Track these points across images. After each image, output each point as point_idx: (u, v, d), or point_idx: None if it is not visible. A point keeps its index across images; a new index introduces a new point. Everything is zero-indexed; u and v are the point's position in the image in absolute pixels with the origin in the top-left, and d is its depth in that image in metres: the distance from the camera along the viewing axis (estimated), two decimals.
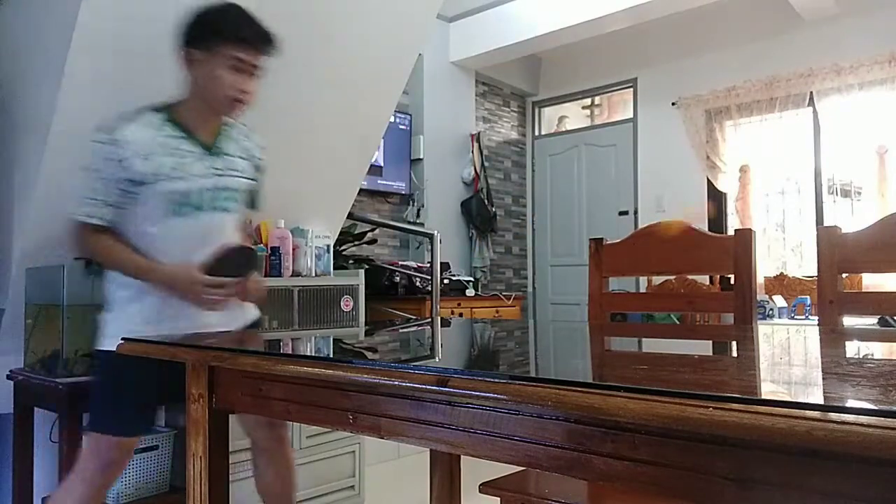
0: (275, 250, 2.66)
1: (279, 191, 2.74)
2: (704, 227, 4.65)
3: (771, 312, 4.33)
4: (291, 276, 2.69)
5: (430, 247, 4.01)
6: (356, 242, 4.04)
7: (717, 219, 5.27)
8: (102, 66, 2.00)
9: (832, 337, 1.39)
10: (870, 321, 3.27)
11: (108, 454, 1.64)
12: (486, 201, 5.53)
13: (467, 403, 0.82)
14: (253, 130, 1.85)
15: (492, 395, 0.75)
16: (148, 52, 2.06)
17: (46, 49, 2.08)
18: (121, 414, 1.66)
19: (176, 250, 1.62)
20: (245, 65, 1.62)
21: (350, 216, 3.37)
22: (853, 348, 1.25)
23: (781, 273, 4.76)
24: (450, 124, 5.44)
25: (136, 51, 2.04)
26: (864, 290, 3.69)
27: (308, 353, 1.35)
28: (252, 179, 1.80)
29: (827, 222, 4.70)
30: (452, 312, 4.45)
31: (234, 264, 1.62)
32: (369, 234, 4.21)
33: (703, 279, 3.89)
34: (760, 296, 4.37)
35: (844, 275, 1.64)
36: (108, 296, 1.71)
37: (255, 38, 1.63)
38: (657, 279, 2.52)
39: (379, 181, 4.84)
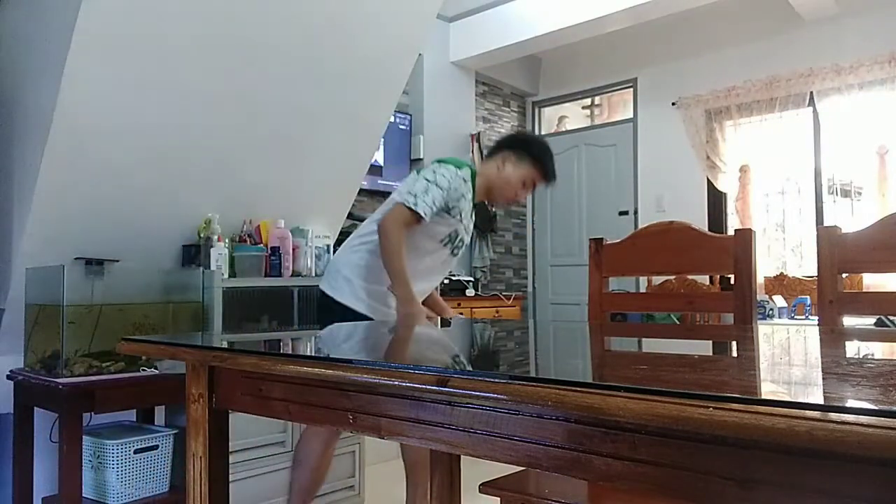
0: (275, 250, 2.66)
1: (279, 191, 2.74)
2: (704, 226, 4.65)
3: (771, 312, 4.33)
4: (291, 276, 2.69)
5: None
6: None
7: (717, 219, 5.27)
8: (102, 66, 2.00)
9: (832, 337, 1.39)
10: (868, 321, 3.27)
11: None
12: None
13: (467, 403, 0.82)
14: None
15: (492, 395, 0.75)
16: (148, 53, 2.06)
17: (46, 49, 2.08)
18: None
19: (426, 262, 2.13)
20: (533, 187, 2.22)
21: (350, 216, 3.37)
22: (853, 348, 1.25)
23: (781, 273, 4.76)
24: (450, 124, 5.43)
25: (136, 51, 2.04)
26: (864, 290, 3.69)
27: (308, 353, 1.35)
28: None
29: (827, 222, 4.70)
30: None
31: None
32: None
33: (703, 279, 3.90)
34: (760, 296, 4.37)
35: (844, 275, 1.64)
36: (357, 262, 2.12)
37: (551, 174, 2.20)
38: (657, 279, 2.52)
39: (379, 181, 4.84)
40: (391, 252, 1.99)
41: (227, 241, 2.55)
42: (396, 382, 0.84)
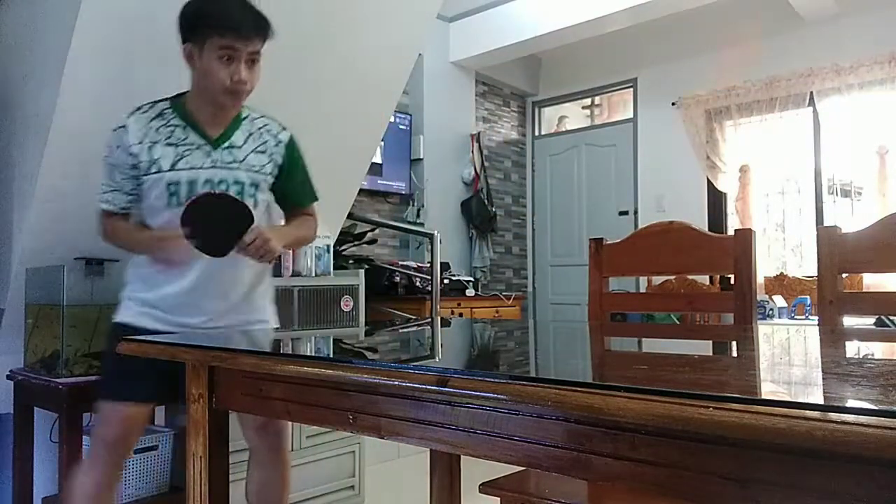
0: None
1: None
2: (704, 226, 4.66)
3: (771, 312, 4.33)
4: (291, 276, 2.69)
5: (430, 247, 4.01)
6: (356, 242, 4.04)
7: (717, 219, 5.27)
8: (102, 66, 2.00)
9: (832, 337, 1.39)
10: (868, 321, 3.27)
11: (113, 429, 1.65)
12: (486, 201, 5.53)
13: (467, 403, 0.82)
14: (276, 123, 1.81)
15: (492, 395, 0.75)
16: (148, 53, 2.06)
17: (46, 49, 2.08)
18: (119, 379, 1.67)
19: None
20: (236, 52, 1.59)
21: (350, 216, 3.37)
22: (853, 348, 1.25)
23: (781, 273, 4.76)
24: (450, 124, 5.44)
25: (136, 51, 2.04)
26: (864, 291, 3.69)
27: (308, 353, 1.35)
28: (271, 175, 1.76)
29: (827, 222, 4.70)
30: (452, 312, 4.45)
31: (219, 220, 1.55)
32: (369, 234, 4.21)
33: (704, 279, 3.90)
34: (760, 296, 4.38)
35: (844, 275, 1.64)
36: (126, 276, 1.76)
37: (244, 24, 1.59)
38: (657, 279, 2.52)
39: (379, 181, 4.84)
40: (121, 246, 1.73)
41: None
42: (396, 382, 0.84)
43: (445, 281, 4.58)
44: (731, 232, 1.91)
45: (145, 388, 1.71)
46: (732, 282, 1.68)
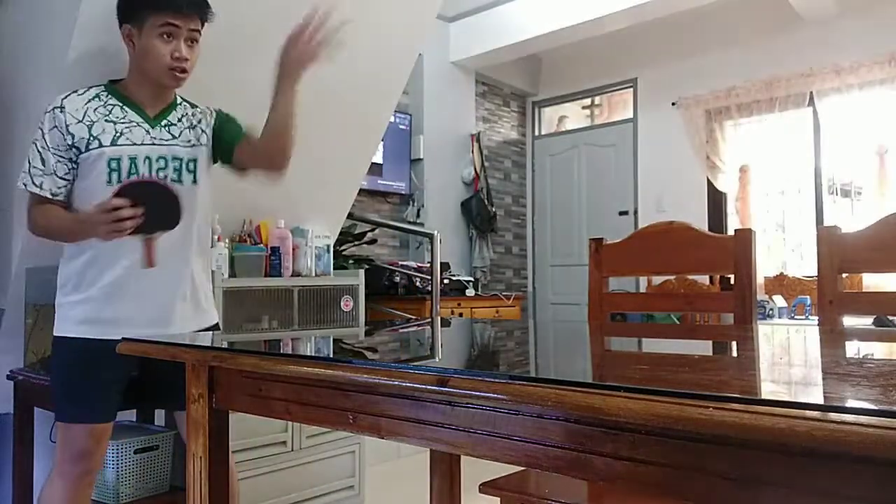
0: (275, 250, 2.66)
1: (279, 191, 2.74)
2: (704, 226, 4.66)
3: (771, 312, 4.33)
4: (291, 276, 2.69)
5: (430, 247, 4.01)
6: (356, 242, 4.04)
7: (717, 219, 5.27)
8: (102, 66, 2.00)
9: (832, 337, 1.39)
10: (867, 321, 3.27)
11: (78, 443, 1.62)
12: (486, 201, 5.53)
13: (467, 403, 0.82)
14: (205, 107, 1.82)
15: (492, 395, 0.75)
16: None
17: (46, 49, 2.08)
18: (79, 400, 1.64)
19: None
20: (176, 30, 1.61)
21: (350, 216, 3.37)
22: (853, 348, 1.25)
23: (781, 273, 4.76)
24: (450, 124, 5.44)
25: None
26: (863, 291, 3.69)
27: (308, 353, 1.35)
28: (206, 145, 1.75)
29: (827, 222, 4.70)
30: (452, 312, 4.45)
31: (150, 209, 1.54)
32: (369, 234, 4.22)
33: (704, 279, 3.90)
34: (760, 296, 4.38)
35: (844, 275, 1.64)
36: (60, 278, 1.70)
37: (184, 2, 1.61)
38: (657, 279, 2.52)
39: (379, 181, 4.84)
40: (48, 233, 1.65)
41: (226, 240, 2.54)
42: (396, 382, 0.84)
43: (445, 281, 4.58)
44: (731, 232, 1.91)
45: (105, 407, 1.68)
46: (732, 282, 1.68)
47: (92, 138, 1.60)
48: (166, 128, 1.69)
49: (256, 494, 2.39)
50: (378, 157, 4.73)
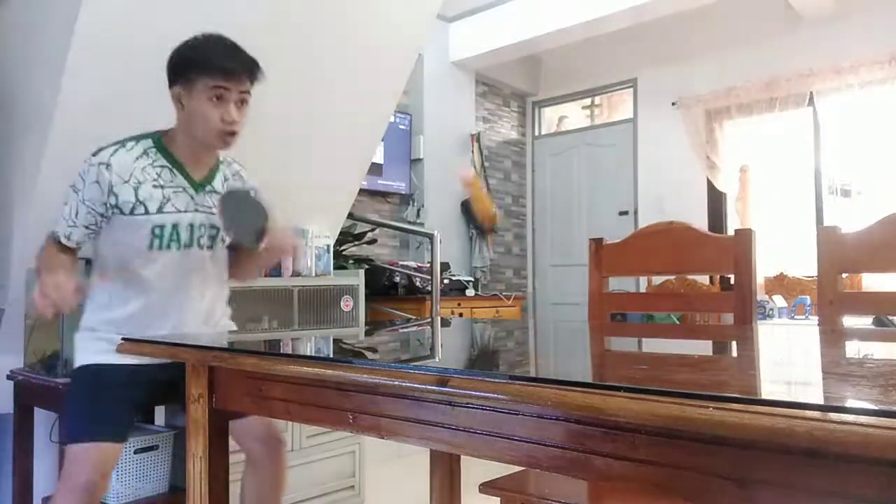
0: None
1: (279, 191, 2.74)
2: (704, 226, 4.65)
3: (771, 312, 4.33)
4: (291, 276, 2.69)
5: (430, 247, 4.01)
6: (356, 242, 4.04)
7: (717, 219, 5.27)
8: (103, 66, 2.00)
9: (832, 337, 1.39)
10: (867, 321, 3.27)
11: (83, 474, 1.54)
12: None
13: (467, 403, 0.82)
14: (244, 170, 1.83)
15: (492, 395, 0.75)
16: (149, 52, 2.06)
17: (47, 49, 2.08)
18: (90, 418, 1.61)
19: (152, 283, 1.64)
20: (228, 93, 1.58)
21: (350, 216, 3.37)
22: (853, 348, 1.25)
23: (781, 273, 4.76)
24: (450, 124, 5.43)
25: (136, 51, 2.04)
26: (863, 291, 3.69)
27: (308, 353, 1.35)
28: None
29: (827, 222, 4.70)
30: (452, 312, 4.45)
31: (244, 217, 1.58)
32: (369, 234, 4.21)
33: (704, 279, 3.90)
34: (760, 296, 4.38)
35: (844, 275, 1.64)
36: (82, 318, 1.71)
37: (234, 65, 1.58)
38: (657, 279, 2.52)
39: (379, 181, 4.84)
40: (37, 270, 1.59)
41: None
42: (396, 382, 0.84)
43: (445, 281, 4.58)
44: (731, 232, 1.91)
45: (123, 426, 1.66)
46: (732, 282, 1.68)
47: (138, 203, 1.59)
48: (210, 195, 1.69)
49: None
50: (378, 157, 4.73)
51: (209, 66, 1.56)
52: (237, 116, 1.60)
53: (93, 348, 1.67)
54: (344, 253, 3.81)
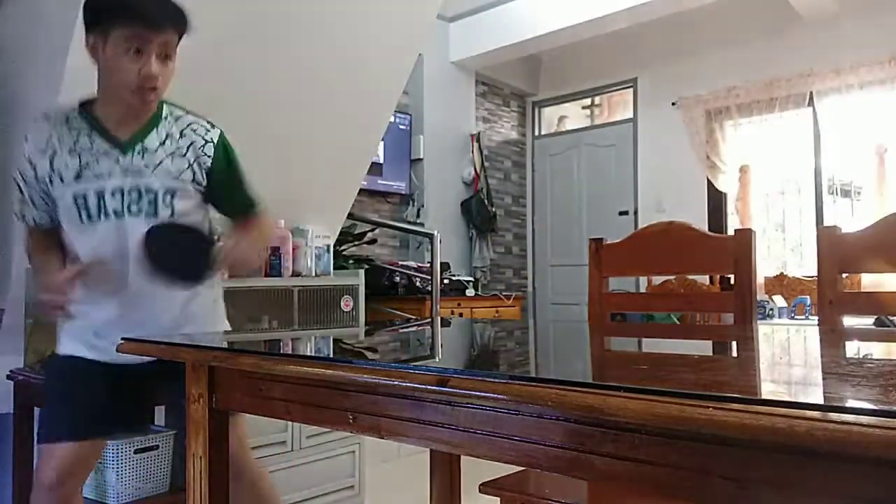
0: (275, 250, 2.66)
1: (279, 191, 2.74)
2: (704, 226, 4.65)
3: (771, 312, 4.33)
4: (291, 276, 2.69)
5: (430, 247, 4.01)
6: (356, 242, 4.04)
7: (717, 219, 5.27)
8: None
9: (832, 337, 1.39)
10: (867, 321, 3.27)
11: (45, 470, 1.48)
12: (486, 201, 5.53)
13: (467, 403, 0.82)
14: (203, 122, 1.61)
15: (492, 395, 0.75)
16: None
17: (47, 49, 2.08)
18: (53, 417, 1.54)
19: (96, 259, 1.49)
20: (147, 45, 1.39)
21: (350, 216, 3.37)
22: (853, 348, 1.25)
23: (781, 273, 4.76)
24: (450, 124, 5.44)
25: None
26: (863, 291, 3.69)
27: (308, 353, 1.35)
28: (195, 182, 1.57)
29: (827, 222, 4.70)
30: (452, 312, 4.45)
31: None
32: (369, 234, 4.21)
33: (704, 279, 3.90)
34: (760, 296, 4.38)
35: (844, 275, 1.64)
36: None
37: (155, 12, 1.40)
38: (657, 279, 2.52)
39: (379, 181, 4.84)
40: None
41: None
42: (396, 382, 0.84)
43: (445, 281, 4.58)
44: (731, 232, 1.91)
45: (79, 424, 1.53)
46: (732, 282, 1.68)
47: (53, 173, 1.47)
48: (140, 154, 1.50)
49: None
50: (378, 157, 4.73)
51: (126, 13, 1.38)
52: (157, 70, 1.42)
53: (64, 336, 1.60)
54: (344, 253, 3.81)
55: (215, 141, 1.59)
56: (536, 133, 6.41)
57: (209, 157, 1.58)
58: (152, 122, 1.54)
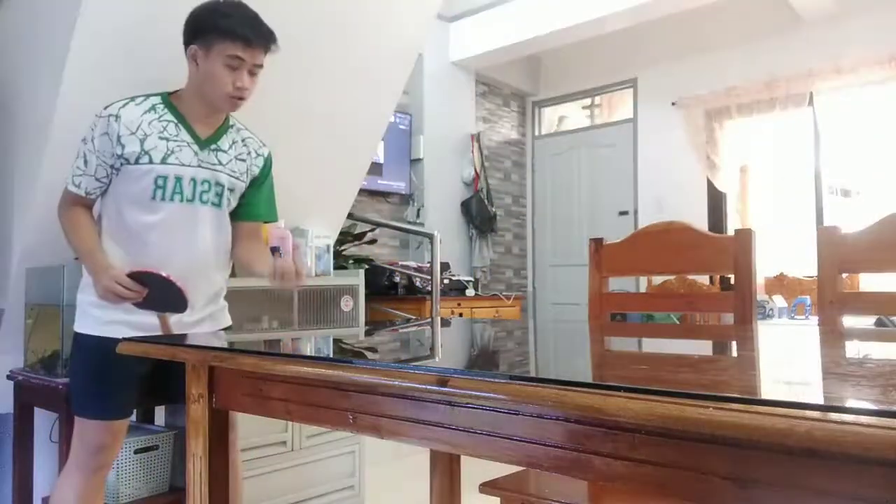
0: (275, 250, 2.66)
1: (279, 191, 2.74)
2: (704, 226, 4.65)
3: (771, 312, 4.33)
4: None
5: (430, 247, 4.01)
6: (356, 242, 4.04)
7: (717, 219, 5.27)
8: (103, 66, 2.00)
9: (832, 337, 1.39)
10: (868, 321, 3.27)
11: (95, 438, 1.68)
12: (486, 201, 5.53)
13: (467, 403, 0.82)
14: (257, 139, 1.86)
15: (492, 395, 0.75)
16: (150, 52, 2.06)
17: (47, 49, 2.08)
18: (98, 397, 1.69)
19: (154, 235, 1.67)
20: (242, 62, 1.63)
21: (350, 216, 3.37)
22: (853, 348, 1.25)
23: (781, 273, 4.76)
24: (450, 124, 5.43)
25: (137, 51, 2.04)
26: (863, 291, 3.68)
27: (308, 353, 1.35)
28: (244, 183, 1.81)
29: (827, 222, 4.70)
30: (452, 312, 4.45)
31: (159, 295, 1.61)
32: (369, 234, 4.21)
33: (704, 279, 3.90)
34: (760, 296, 4.37)
35: (844, 275, 1.64)
36: (84, 279, 1.73)
37: (253, 35, 1.63)
38: (657, 279, 2.52)
39: (379, 181, 4.84)
40: (66, 233, 1.69)
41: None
42: (396, 382, 0.84)
43: (445, 281, 4.58)
44: (731, 232, 1.91)
45: (124, 404, 1.74)
46: (732, 282, 1.68)
47: (143, 153, 1.63)
48: (214, 152, 1.73)
49: (256, 494, 2.39)
50: (378, 157, 4.73)
51: (231, 34, 1.61)
52: (248, 84, 1.66)
53: (96, 316, 1.69)
54: (344, 253, 3.81)
55: (265, 156, 1.87)
56: (536, 133, 6.41)
57: (258, 167, 1.84)
58: (223, 127, 1.77)
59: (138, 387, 1.77)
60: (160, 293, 1.60)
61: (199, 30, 1.64)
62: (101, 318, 1.68)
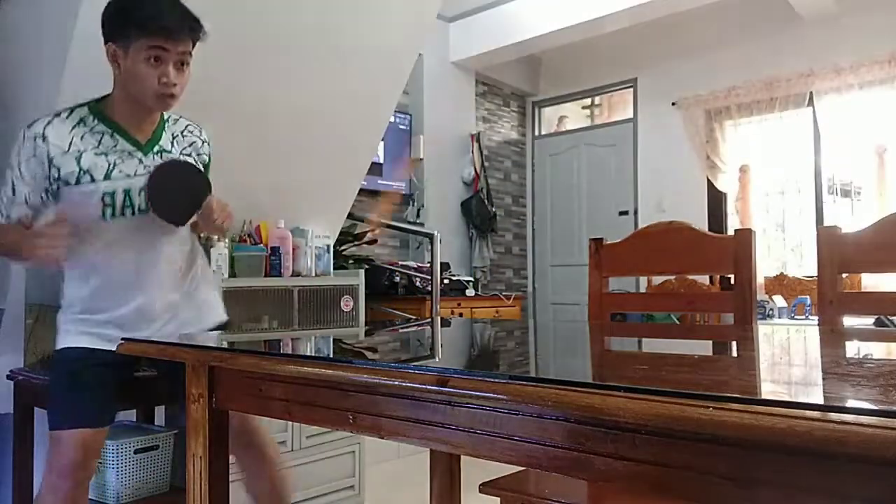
0: (275, 250, 2.66)
1: (279, 191, 2.74)
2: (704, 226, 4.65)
3: (771, 312, 4.33)
4: (291, 276, 2.69)
5: (430, 247, 4.01)
6: (356, 242, 4.04)
7: (717, 219, 5.27)
8: (103, 66, 2.00)
9: (832, 337, 1.39)
10: (868, 321, 3.27)
11: (68, 453, 1.56)
12: (486, 201, 5.53)
13: (467, 403, 0.82)
14: (192, 123, 1.76)
15: (492, 395, 0.75)
16: None
17: (47, 49, 2.08)
18: (73, 403, 1.62)
19: (115, 255, 1.61)
20: (167, 54, 1.50)
21: (350, 216, 3.37)
22: (853, 348, 1.25)
23: (781, 273, 4.76)
24: (450, 124, 5.44)
25: None
26: (863, 291, 3.69)
27: (308, 353, 1.35)
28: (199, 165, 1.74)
29: (827, 222, 4.70)
30: (452, 312, 4.45)
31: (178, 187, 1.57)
32: (369, 234, 4.21)
33: (704, 279, 3.90)
34: (760, 296, 4.38)
35: (844, 275, 1.64)
36: (66, 299, 1.70)
37: (174, 24, 1.49)
38: (657, 279, 2.52)
39: (379, 181, 4.84)
40: None
41: (226, 241, 2.55)
42: (396, 382, 0.84)
43: (445, 281, 4.58)
44: (731, 232, 1.91)
45: (99, 411, 1.64)
46: (732, 282, 1.68)
47: (83, 172, 1.53)
48: (159, 154, 1.63)
49: None
50: (378, 157, 4.73)
51: (147, 24, 1.46)
52: (176, 78, 1.52)
53: (72, 330, 1.66)
54: (344, 253, 3.81)
55: (208, 140, 1.77)
56: (536, 133, 6.41)
57: (206, 154, 1.76)
58: (161, 125, 1.67)
59: (115, 397, 1.70)
60: (178, 186, 1.57)
61: (113, 26, 1.50)
62: (72, 331, 1.66)
